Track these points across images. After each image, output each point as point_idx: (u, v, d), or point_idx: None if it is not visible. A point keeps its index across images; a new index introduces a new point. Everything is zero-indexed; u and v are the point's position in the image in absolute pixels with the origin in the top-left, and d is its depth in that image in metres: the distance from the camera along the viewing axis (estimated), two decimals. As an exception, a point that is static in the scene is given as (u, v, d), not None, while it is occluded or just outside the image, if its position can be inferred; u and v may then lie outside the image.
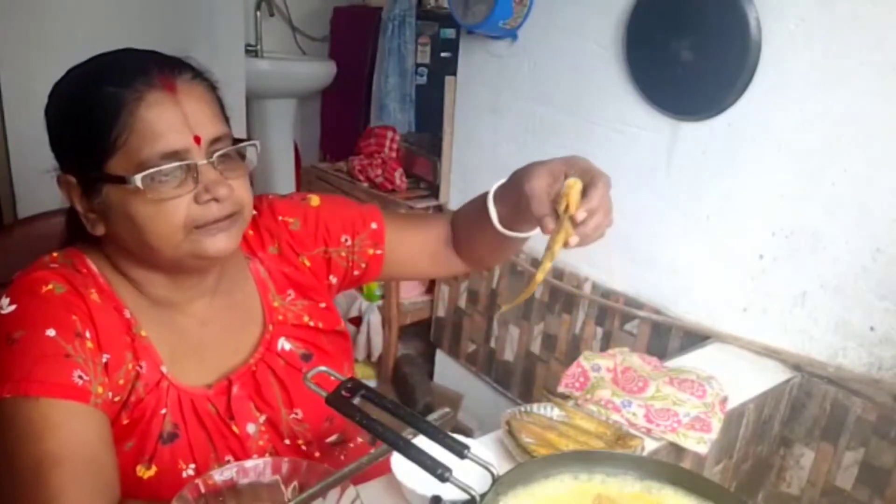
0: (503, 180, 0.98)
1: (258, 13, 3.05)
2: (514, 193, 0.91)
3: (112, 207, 0.79)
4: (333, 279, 1.03)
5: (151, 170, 0.76)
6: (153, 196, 0.77)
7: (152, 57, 0.81)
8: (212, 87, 0.84)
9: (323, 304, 1.00)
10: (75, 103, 0.80)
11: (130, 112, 0.76)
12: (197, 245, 0.81)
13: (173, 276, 0.86)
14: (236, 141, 0.85)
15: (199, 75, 0.83)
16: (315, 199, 1.03)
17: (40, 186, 0.88)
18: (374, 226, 1.04)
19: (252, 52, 3.02)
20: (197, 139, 0.78)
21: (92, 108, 0.77)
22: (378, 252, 1.04)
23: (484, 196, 0.98)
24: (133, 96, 0.76)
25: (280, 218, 0.98)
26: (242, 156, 0.86)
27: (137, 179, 0.76)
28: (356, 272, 1.04)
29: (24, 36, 1.90)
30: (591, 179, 0.87)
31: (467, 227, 1.06)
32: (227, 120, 0.85)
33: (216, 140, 0.81)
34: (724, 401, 1.21)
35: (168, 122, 0.77)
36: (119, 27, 2.00)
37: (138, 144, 0.76)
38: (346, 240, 1.02)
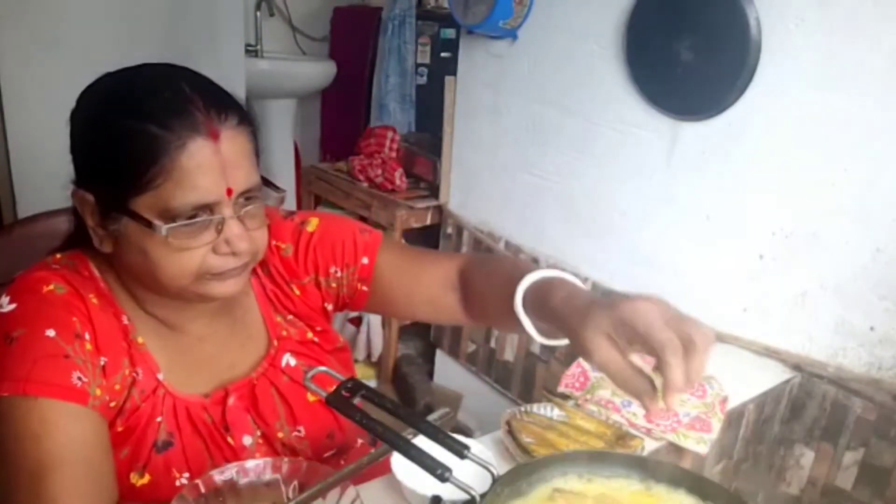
0: (526, 285, 0.79)
1: (258, 13, 3.05)
2: (563, 333, 0.73)
3: (127, 238, 0.78)
4: (329, 306, 1.00)
5: (180, 223, 0.75)
6: (174, 244, 0.76)
7: (201, 91, 0.77)
8: (253, 134, 0.81)
9: (319, 328, 0.99)
10: (110, 130, 0.76)
11: (171, 159, 0.73)
12: (205, 288, 0.80)
13: (176, 301, 0.85)
14: (265, 182, 0.82)
15: (243, 120, 0.79)
16: (313, 223, 0.97)
17: (40, 186, 0.88)
18: (364, 261, 0.97)
19: (252, 52, 3.02)
20: (229, 191, 0.76)
21: (128, 143, 0.74)
22: (364, 288, 0.98)
23: (508, 292, 0.80)
24: (176, 143, 0.73)
25: (273, 242, 0.95)
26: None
27: (163, 229, 0.74)
28: (347, 300, 1.01)
29: (25, 36, 1.90)
30: (660, 351, 0.62)
31: (486, 309, 0.92)
32: (258, 165, 0.82)
33: (246, 191, 0.79)
34: (724, 401, 1.21)
35: (205, 174, 0.74)
36: (120, 28, 2.00)
37: (171, 192, 0.74)
38: (336, 271, 0.97)
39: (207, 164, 0.75)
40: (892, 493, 1.29)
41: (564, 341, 0.77)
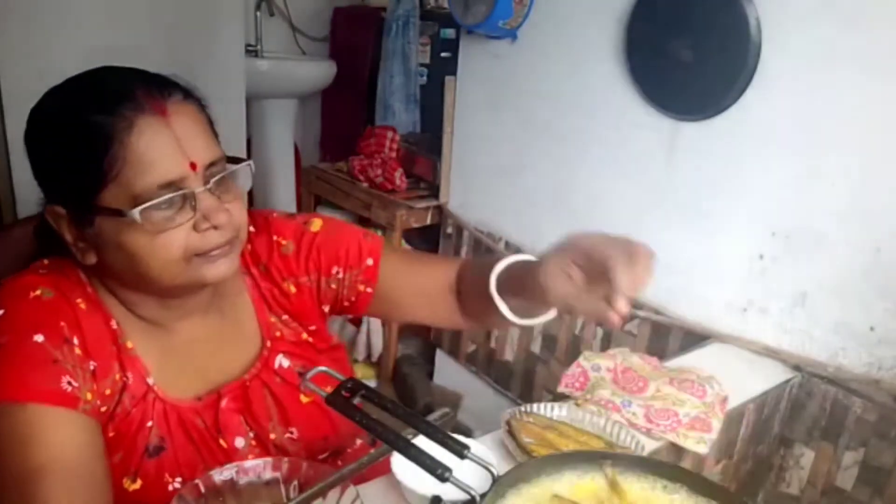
0: (500, 268, 0.89)
1: (258, 13, 3.05)
2: (531, 296, 0.83)
3: (106, 239, 0.76)
4: (326, 308, 1.00)
5: (149, 203, 0.73)
6: (151, 228, 0.74)
7: (138, 77, 0.77)
8: (202, 107, 0.81)
9: (313, 327, 0.98)
10: (60, 133, 0.75)
11: (121, 142, 0.72)
12: (197, 273, 0.78)
13: (164, 299, 0.84)
14: (230, 160, 0.81)
15: (189, 95, 0.79)
16: (316, 224, 0.98)
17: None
18: (369, 262, 0.98)
19: (252, 52, 3.01)
20: (193, 165, 0.75)
21: (79, 139, 0.73)
22: (368, 290, 0.99)
23: (484, 280, 0.89)
24: (122, 125, 0.72)
25: (274, 237, 0.95)
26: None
27: (136, 213, 0.72)
28: (346, 303, 1.00)
29: (25, 35, 1.90)
30: (604, 261, 0.73)
31: (473, 304, 0.98)
32: (217, 139, 0.82)
33: (211, 164, 0.78)
34: (724, 401, 1.21)
35: (161, 150, 0.73)
36: (120, 28, 2.00)
37: (132, 176, 0.72)
38: (338, 272, 0.97)
39: (161, 141, 0.74)
40: (892, 493, 1.29)
41: (540, 319, 0.87)
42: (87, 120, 0.73)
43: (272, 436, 0.90)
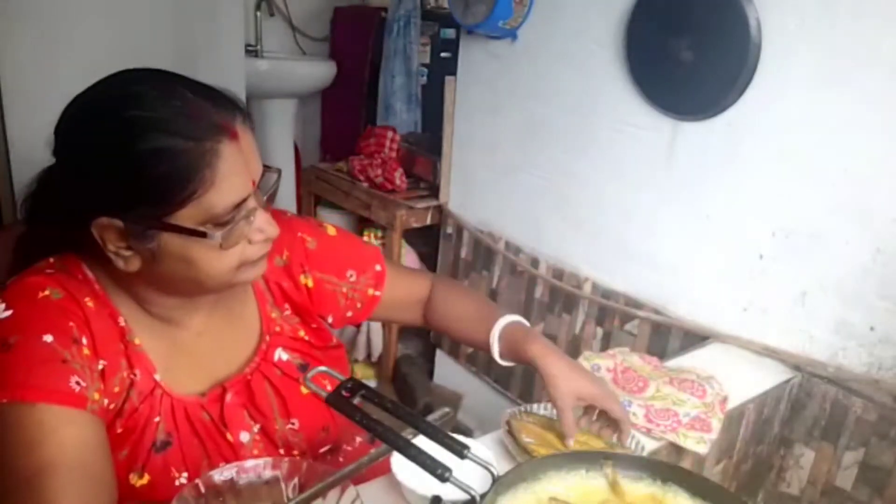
0: (506, 323, 1.05)
1: (258, 13, 3.05)
2: (537, 372, 1.00)
3: (168, 252, 0.77)
4: (330, 318, 1.04)
5: (230, 225, 0.77)
6: (226, 245, 0.78)
7: (202, 94, 0.77)
8: (252, 123, 0.83)
9: (314, 325, 1.01)
10: (136, 154, 0.73)
11: (210, 168, 0.74)
12: (242, 277, 0.83)
13: (185, 298, 0.86)
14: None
15: (244, 111, 0.81)
16: (331, 229, 1.06)
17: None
18: (377, 268, 1.08)
19: (252, 52, 3.01)
20: (253, 182, 0.79)
21: (161, 163, 0.73)
22: (377, 294, 1.08)
23: (481, 333, 1.07)
24: (210, 152, 0.74)
25: (299, 234, 1.00)
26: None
27: (217, 235, 0.76)
28: (349, 313, 1.06)
29: (26, 35, 1.90)
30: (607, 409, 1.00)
31: (449, 331, 1.15)
32: None
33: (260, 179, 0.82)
34: (724, 401, 1.21)
35: (237, 172, 0.77)
36: (120, 28, 2.00)
37: (213, 199, 0.75)
38: (352, 275, 1.04)
39: (236, 164, 0.77)
40: (892, 493, 1.29)
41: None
42: (170, 145, 0.73)
43: (276, 426, 0.92)
